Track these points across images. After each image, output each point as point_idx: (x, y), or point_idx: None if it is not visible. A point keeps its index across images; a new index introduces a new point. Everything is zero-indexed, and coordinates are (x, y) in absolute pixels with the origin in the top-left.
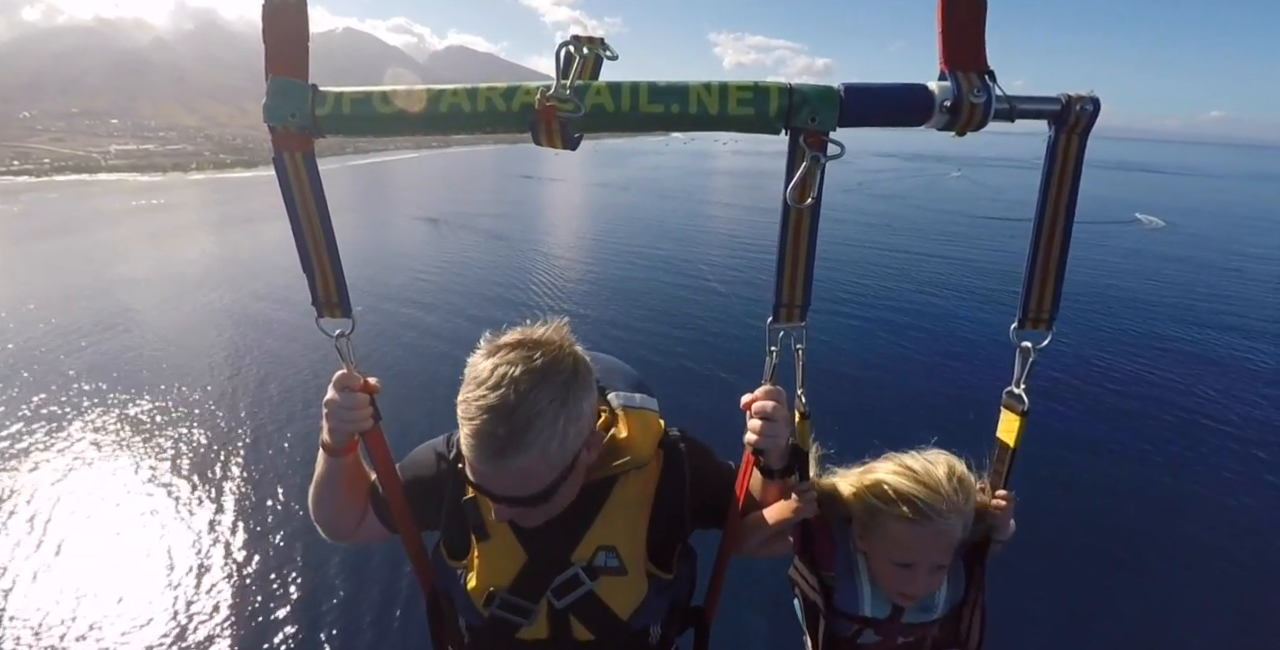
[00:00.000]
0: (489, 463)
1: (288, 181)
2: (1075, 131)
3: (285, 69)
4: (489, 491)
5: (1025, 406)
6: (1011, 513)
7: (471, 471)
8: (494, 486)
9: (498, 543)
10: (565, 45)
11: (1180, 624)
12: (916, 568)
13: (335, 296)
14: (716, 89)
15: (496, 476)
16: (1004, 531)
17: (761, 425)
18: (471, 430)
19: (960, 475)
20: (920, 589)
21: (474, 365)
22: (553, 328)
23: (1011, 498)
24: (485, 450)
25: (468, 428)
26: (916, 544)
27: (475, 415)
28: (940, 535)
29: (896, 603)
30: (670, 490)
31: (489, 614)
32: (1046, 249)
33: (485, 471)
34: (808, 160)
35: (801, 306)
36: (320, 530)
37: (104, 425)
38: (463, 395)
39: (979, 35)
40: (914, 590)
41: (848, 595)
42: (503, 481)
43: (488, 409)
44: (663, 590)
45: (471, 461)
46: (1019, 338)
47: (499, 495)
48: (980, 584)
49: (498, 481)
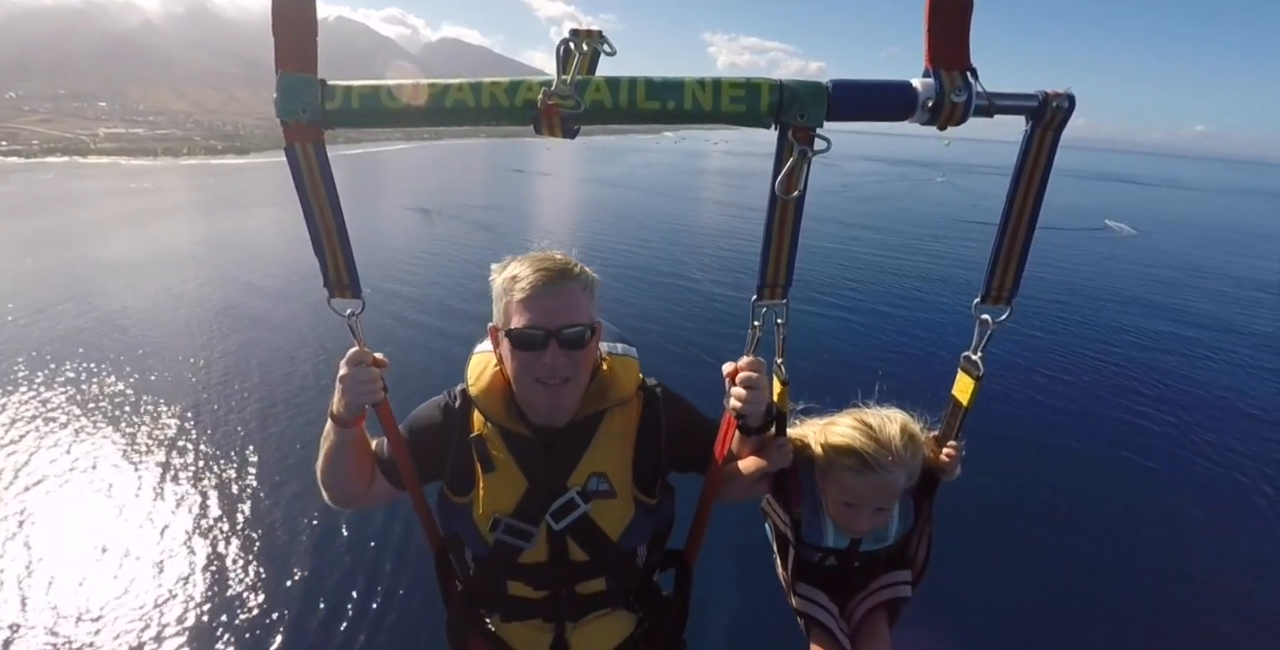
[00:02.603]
0: (552, 285)
1: (300, 171)
2: (1050, 127)
3: (295, 64)
4: (546, 325)
5: (980, 372)
6: (959, 460)
7: (530, 310)
8: (553, 315)
9: (502, 473)
10: (565, 41)
11: (1104, 576)
12: (860, 509)
13: (346, 278)
14: (710, 85)
15: (556, 300)
16: (951, 474)
17: (745, 393)
18: (531, 271)
19: (912, 433)
20: (863, 526)
21: (513, 259)
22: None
23: (959, 447)
24: (547, 277)
25: (526, 273)
26: (860, 490)
27: (530, 263)
28: (884, 486)
29: (850, 535)
30: (649, 427)
31: (494, 540)
32: (1013, 233)
33: (547, 298)
34: (795, 154)
35: (784, 285)
36: (327, 496)
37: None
38: (505, 273)
39: (964, 34)
40: (857, 527)
41: (814, 528)
42: (561, 306)
43: (541, 258)
44: (648, 513)
45: (531, 296)
46: (979, 311)
47: (556, 326)
48: (928, 516)
49: (557, 307)
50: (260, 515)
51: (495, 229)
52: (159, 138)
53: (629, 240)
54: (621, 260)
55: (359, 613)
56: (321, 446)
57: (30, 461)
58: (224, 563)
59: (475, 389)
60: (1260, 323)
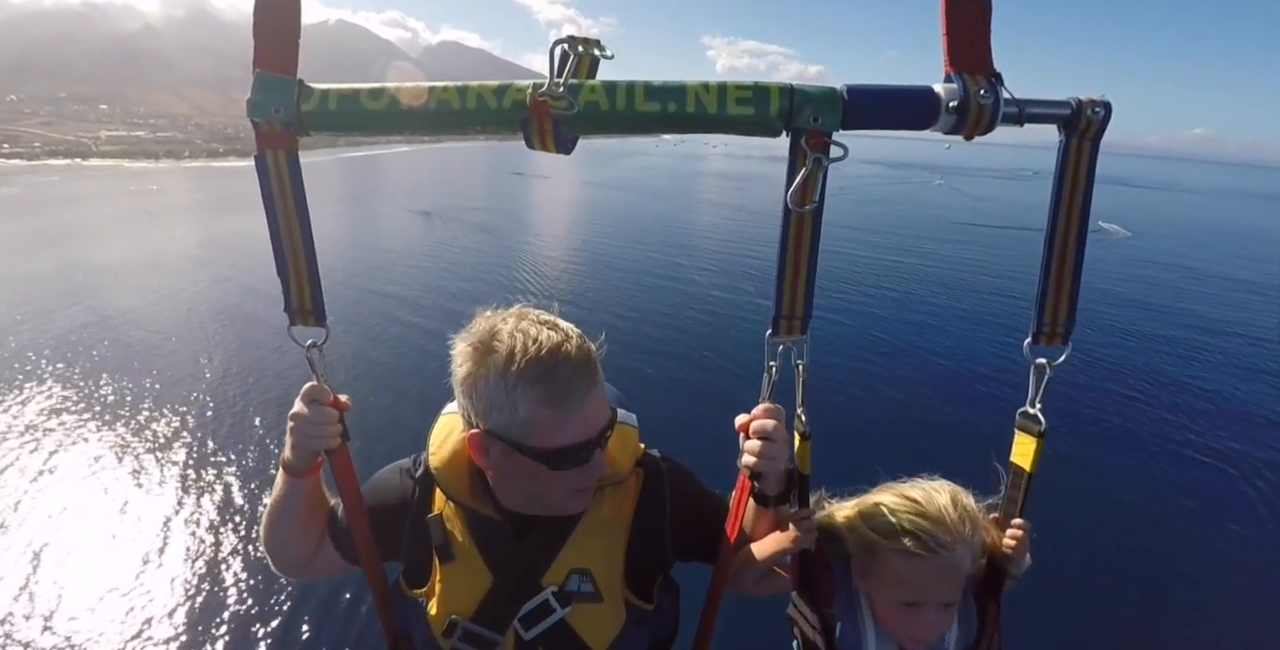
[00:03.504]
0: (589, 384)
1: (268, 181)
2: (1087, 136)
3: (272, 64)
4: (592, 436)
5: (1042, 427)
6: (1028, 544)
7: (572, 423)
8: (595, 421)
9: (462, 564)
10: (560, 44)
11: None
12: (923, 607)
13: (310, 304)
14: (715, 88)
15: (595, 405)
16: (1019, 564)
17: (761, 446)
18: (551, 367)
19: (965, 505)
20: (929, 631)
21: (490, 334)
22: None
23: (1027, 527)
24: (581, 376)
25: (549, 378)
26: (921, 580)
27: (547, 363)
28: (946, 570)
29: (904, 646)
30: (649, 512)
31: (449, 648)
32: (1060, 259)
33: (587, 405)
34: (810, 162)
35: (802, 318)
36: (271, 561)
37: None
38: (513, 375)
39: (985, 36)
40: (922, 633)
41: (850, 636)
42: (599, 408)
43: (554, 349)
44: (642, 622)
45: (572, 410)
46: (1034, 354)
47: (599, 432)
48: (995, 623)
49: (597, 412)
50: (255, 511)
51: (495, 231)
52: (160, 140)
53: (630, 246)
54: (622, 269)
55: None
56: (271, 497)
57: (27, 457)
58: (221, 558)
59: (436, 460)
60: (1249, 324)
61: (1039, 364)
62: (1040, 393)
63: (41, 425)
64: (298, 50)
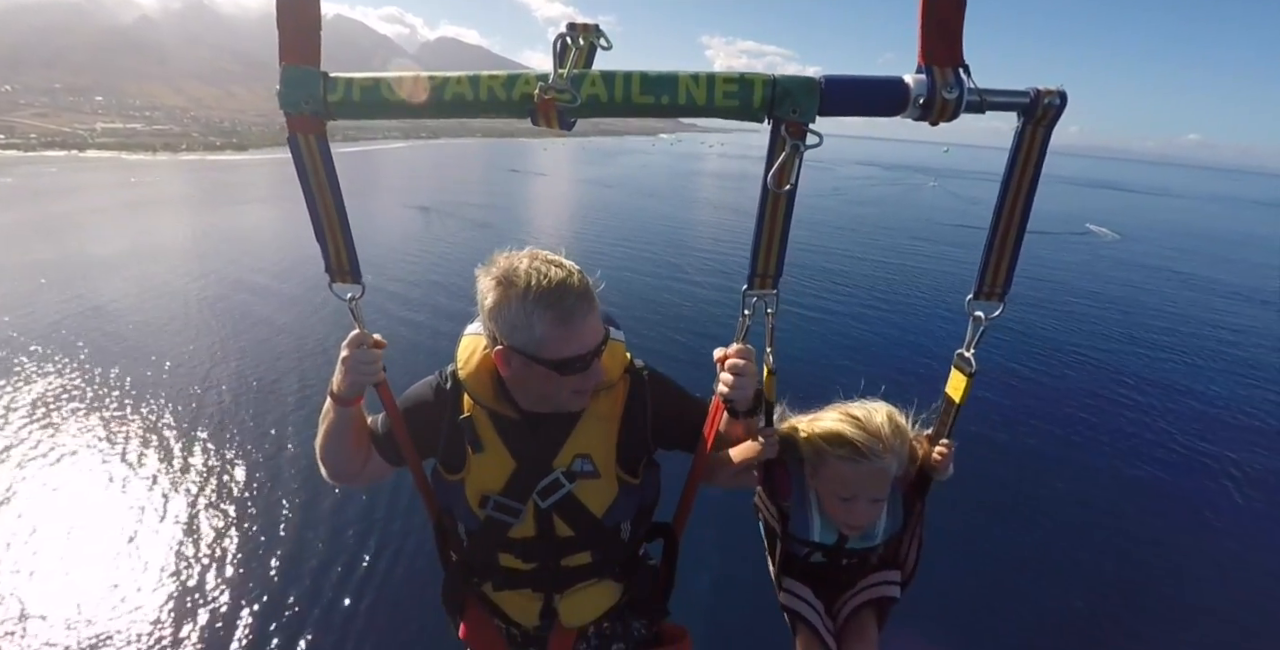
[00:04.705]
0: (586, 307)
1: (302, 161)
2: (1041, 123)
3: (298, 57)
4: (590, 349)
5: (973, 369)
6: (951, 458)
7: (573, 338)
8: (591, 337)
9: (490, 453)
10: (562, 36)
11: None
12: (856, 500)
13: (347, 264)
14: (704, 80)
15: (591, 323)
16: (943, 473)
17: (734, 379)
18: (558, 294)
19: (897, 422)
20: (860, 519)
21: (510, 271)
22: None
23: (952, 445)
24: (580, 302)
25: (554, 298)
26: (856, 480)
27: (549, 284)
28: (876, 473)
29: (842, 532)
30: (634, 409)
31: (484, 516)
32: (1004, 230)
33: (584, 323)
34: (788, 148)
35: (774, 276)
36: (325, 472)
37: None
38: (514, 290)
39: (957, 31)
40: (855, 520)
41: (801, 523)
42: (594, 326)
43: (553, 274)
44: (631, 493)
45: (573, 326)
46: (972, 308)
47: (595, 346)
48: (920, 516)
49: (592, 329)
50: (265, 484)
51: (492, 226)
52: (156, 133)
53: (623, 239)
54: (618, 261)
55: (370, 569)
56: (320, 424)
57: (21, 448)
58: (233, 525)
59: (464, 373)
60: (1230, 327)
61: (977, 316)
62: (975, 340)
63: (32, 413)
64: (319, 43)
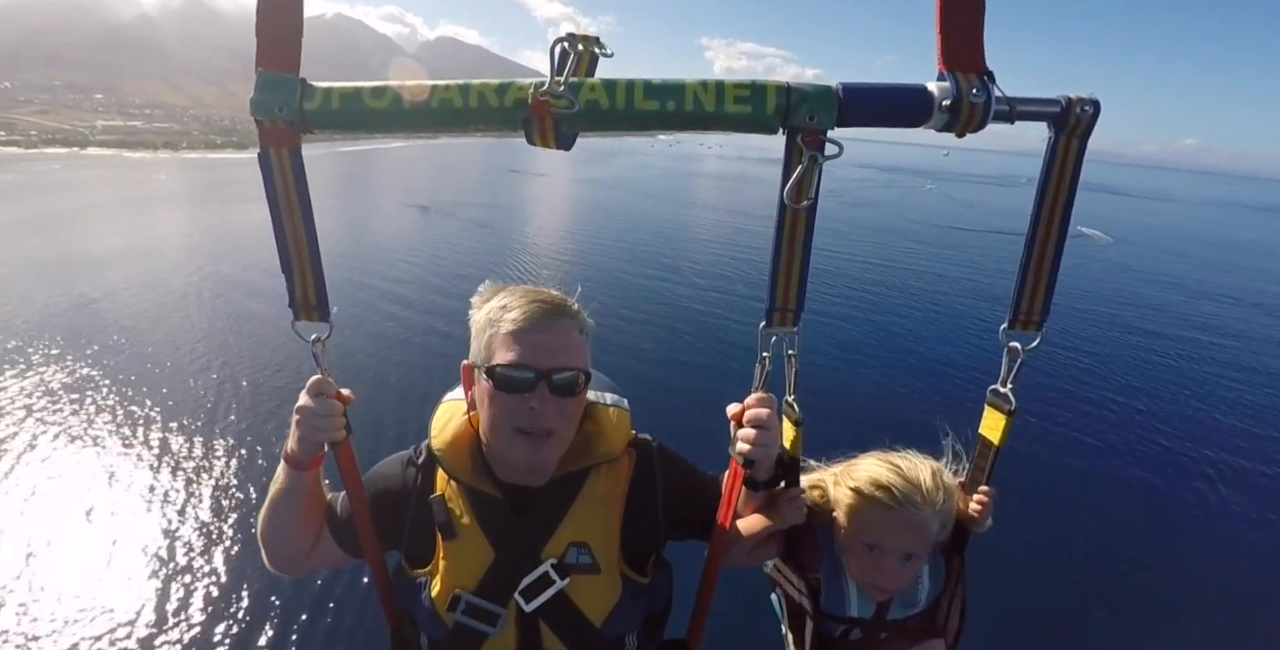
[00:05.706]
0: (548, 319)
1: (273, 180)
2: (1075, 134)
3: (275, 63)
4: (538, 365)
5: (1012, 406)
6: (991, 508)
7: (520, 344)
8: (546, 353)
9: (464, 540)
10: (560, 42)
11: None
12: (884, 552)
13: (314, 299)
14: (713, 87)
15: (551, 337)
16: (981, 525)
17: (755, 434)
18: (523, 302)
19: (943, 479)
20: (888, 579)
21: (500, 290)
22: None
23: (992, 493)
24: (543, 310)
25: (518, 303)
26: (885, 528)
27: (522, 295)
28: (909, 525)
29: (875, 598)
30: (643, 489)
31: (453, 622)
32: (1040, 252)
33: (540, 333)
34: (806, 160)
35: (795, 311)
36: (267, 558)
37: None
38: (492, 302)
39: (978, 35)
40: (883, 581)
41: (835, 598)
42: (555, 344)
43: (535, 290)
44: (638, 595)
45: (522, 330)
46: (1008, 338)
47: (548, 367)
48: (959, 575)
49: (551, 345)
50: (246, 503)
51: (491, 226)
52: (156, 131)
53: (624, 244)
54: (616, 266)
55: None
56: (269, 492)
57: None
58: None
59: (439, 442)
60: (1215, 329)
61: (1012, 347)
62: (1012, 374)
63: (29, 407)
64: (300, 49)
